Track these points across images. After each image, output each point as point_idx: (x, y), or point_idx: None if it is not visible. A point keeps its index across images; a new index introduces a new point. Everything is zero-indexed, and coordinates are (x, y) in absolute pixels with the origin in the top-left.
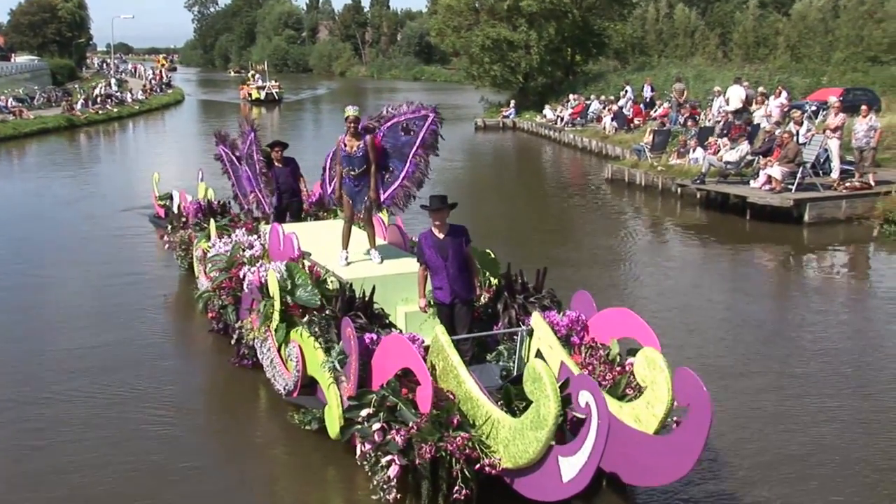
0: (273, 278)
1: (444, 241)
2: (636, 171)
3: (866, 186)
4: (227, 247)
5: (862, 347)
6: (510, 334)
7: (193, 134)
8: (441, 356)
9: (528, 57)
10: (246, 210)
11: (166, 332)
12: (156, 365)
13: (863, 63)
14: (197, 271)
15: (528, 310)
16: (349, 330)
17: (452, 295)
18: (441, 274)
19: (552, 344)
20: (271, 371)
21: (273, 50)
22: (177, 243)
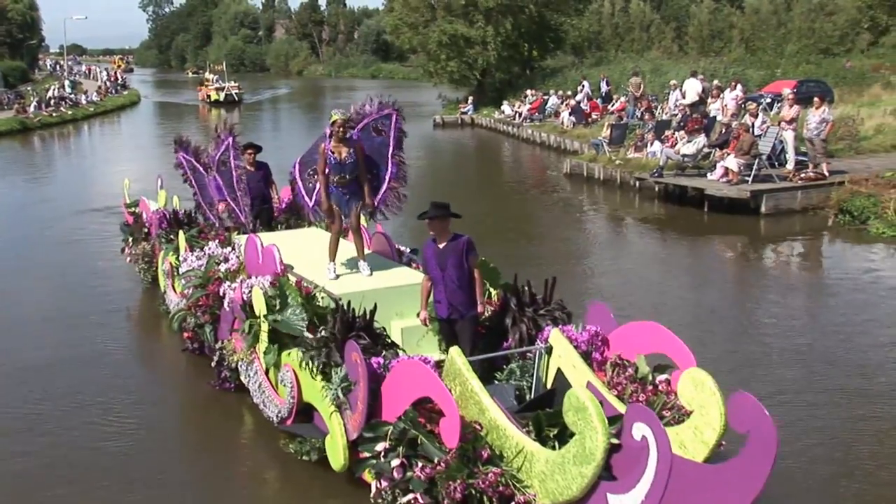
0: (259, 297)
1: (443, 251)
2: (595, 166)
3: (821, 177)
4: (200, 261)
5: (818, 332)
6: (523, 351)
7: (151, 137)
8: (458, 380)
9: (485, 53)
10: (214, 221)
11: (133, 351)
12: (124, 388)
13: (815, 55)
14: (163, 285)
15: (538, 324)
16: (356, 355)
17: (450, 309)
18: (440, 286)
19: (575, 363)
20: (260, 396)
21: (229, 49)
22: (139, 255)
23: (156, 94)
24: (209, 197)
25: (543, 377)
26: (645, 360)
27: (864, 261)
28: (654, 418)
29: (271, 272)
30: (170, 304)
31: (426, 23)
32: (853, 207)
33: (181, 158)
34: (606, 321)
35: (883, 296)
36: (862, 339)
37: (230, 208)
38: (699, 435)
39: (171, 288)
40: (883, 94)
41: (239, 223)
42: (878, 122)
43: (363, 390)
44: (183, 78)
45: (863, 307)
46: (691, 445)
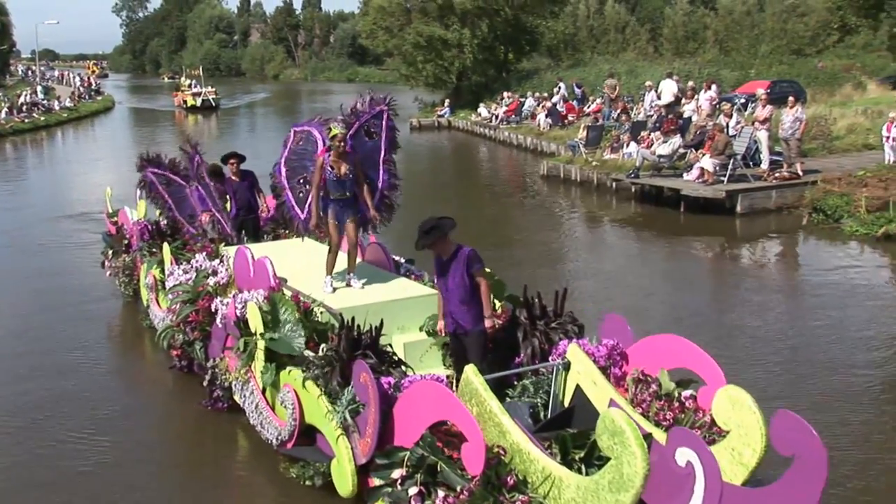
0: (255, 313)
1: (445, 265)
2: (571, 167)
3: (795, 176)
4: (188, 274)
5: (797, 333)
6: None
7: (126, 143)
8: (475, 400)
9: (461, 56)
10: (196, 233)
11: (116, 370)
12: (107, 409)
13: (788, 56)
14: (146, 300)
15: (550, 338)
16: (365, 376)
17: (454, 324)
18: (445, 300)
19: (596, 379)
20: (257, 418)
21: (204, 54)
22: (119, 269)
23: (130, 100)
24: (190, 208)
25: (560, 394)
26: (667, 374)
27: (838, 259)
28: (701, 444)
29: (264, 286)
30: (154, 319)
31: (401, 26)
32: (827, 206)
33: (149, 176)
34: (624, 334)
35: (859, 294)
36: (839, 338)
37: (215, 219)
38: (737, 457)
39: (156, 302)
40: (854, 94)
41: (224, 234)
42: (850, 121)
43: (374, 413)
44: (158, 83)
45: (839, 306)
46: (729, 468)
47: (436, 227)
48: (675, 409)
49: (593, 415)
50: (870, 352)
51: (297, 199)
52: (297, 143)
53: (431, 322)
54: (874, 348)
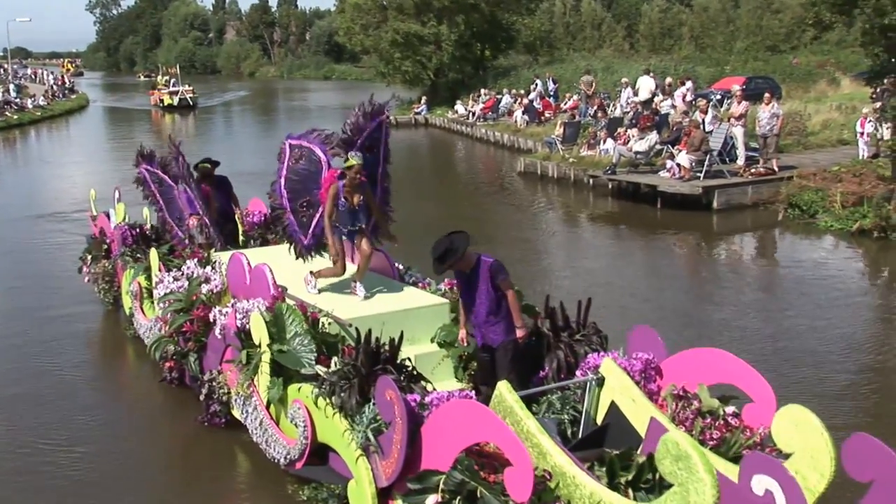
0: (260, 324)
1: (469, 279)
2: (548, 164)
3: (770, 172)
4: (179, 282)
5: (770, 324)
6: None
7: (101, 143)
8: (510, 419)
9: (438, 53)
10: (184, 237)
11: (100, 383)
12: (92, 426)
13: (763, 52)
14: (129, 308)
15: (574, 350)
16: (392, 393)
17: (482, 338)
18: (471, 314)
19: (635, 396)
20: (262, 435)
21: (180, 52)
22: (99, 275)
23: (105, 98)
24: (178, 211)
25: (593, 412)
26: (707, 390)
27: (814, 254)
28: (784, 471)
29: (264, 295)
30: (139, 328)
31: (378, 24)
32: (802, 202)
33: (143, 172)
34: (655, 347)
35: (835, 288)
36: (817, 334)
37: (202, 222)
38: (803, 481)
39: (140, 311)
40: (829, 90)
41: (211, 239)
42: (824, 117)
43: (401, 433)
44: (133, 81)
45: (816, 301)
46: None
47: (450, 251)
48: (720, 428)
49: (630, 433)
50: (847, 343)
51: (300, 223)
52: (295, 160)
53: (443, 333)
54: (851, 342)
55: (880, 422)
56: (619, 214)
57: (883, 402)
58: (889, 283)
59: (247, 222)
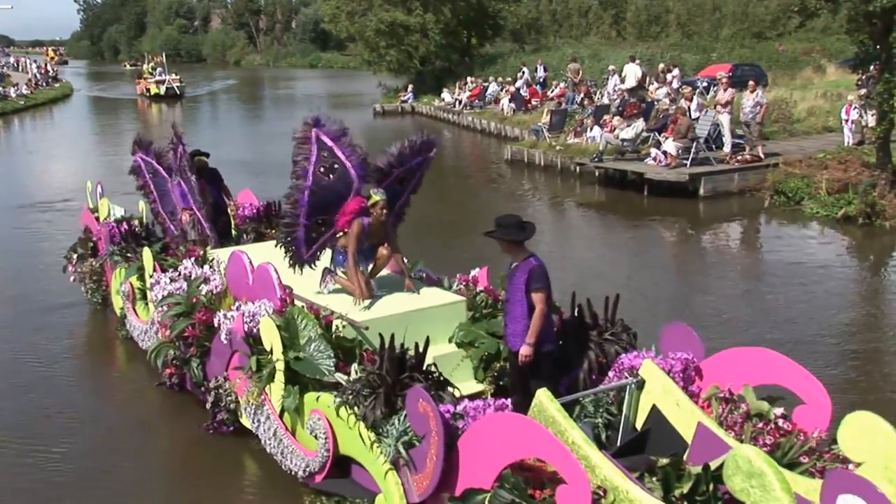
0: (272, 330)
1: (511, 273)
2: (535, 152)
3: (756, 159)
4: (177, 283)
5: (757, 310)
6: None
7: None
8: (553, 430)
9: (424, 41)
10: (178, 232)
11: (93, 387)
12: (88, 433)
13: (749, 39)
14: (120, 309)
15: (603, 349)
16: (426, 405)
17: (510, 340)
18: (506, 310)
19: (679, 400)
20: (277, 446)
21: (165, 40)
22: (86, 274)
23: (90, 87)
24: (171, 205)
25: (632, 417)
26: (752, 392)
27: (800, 241)
28: (873, 489)
29: (270, 296)
30: (133, 330)
31: (364, 11)
32: (788, 189)
33: (139, 161)
34: (692, 346)
35: (820, 274)
36: (803, 320)
37: (195, 218)
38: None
39: (133, 312)
40: (814, 78)
41: (204, 235)
42: (810, 104)
43: (437, 447)
44: (118, 70)
45: (803, 287)
46: None
47: (514, 226)
48: (773, 433)
49: (673, 439)
50: (835, 328)
51: (308, 237)
52: (324, 169)
53: (462, 333)
54: (840, 327)
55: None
56: (605, 202)
57: (873, 387)
58: (874, 269)
59: (238, 215)
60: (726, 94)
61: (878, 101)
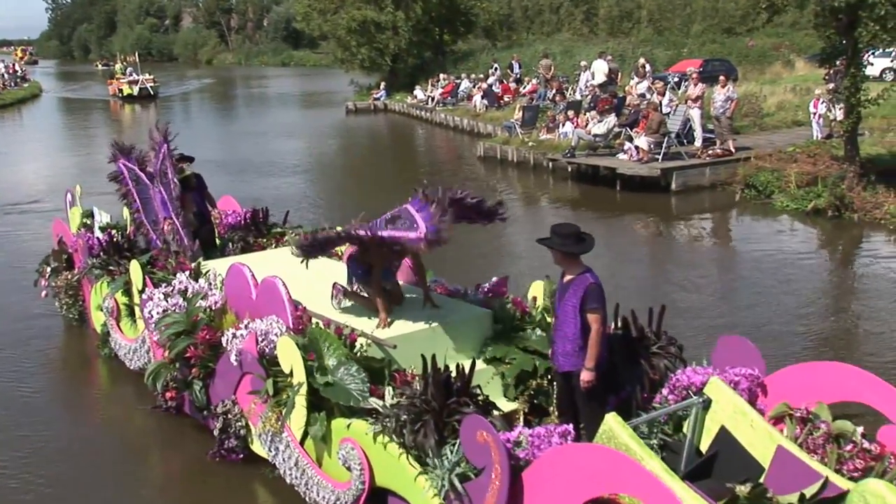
0: (294, 352)
1: (565, 286)
2: (508, 148)
3: (727, 153)
4: (174, 299)
5: (728, 302)
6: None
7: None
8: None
9: (395, 38)
10: (161, 244)
11: (79, 409)
12: (81, 460)
13: (719, 35)
14: (100, 325)
15: (652, 365)
16: (487, 435)
17: (553, 359)
18: (554, 328)
19: (754, 421)
20: (299, 477)
21: (135, 39)
22: (61, 288)
23: (60, 88)
24: (154, 213)
25: (696, 440)
26: (828, 410)
27: (771, 233)
28: None
29: (278, 312)
30: (118, 349)
31: (335, 9)
32: (758, 182)
33: (122, 167)
34: (751, 361)
35: (794, 266)
36: (775, 311)
37: (174, 228)
38: None
39: (119, 330)
40: (784, 72)
41: (183, 246)
42: (779, 98)
43: (502, 481)
44: (89, 70)
45: (774, 279)
46: None
47: (573, 237)
48: (863, 457)
49: (745, 464)
50: (805, 318)
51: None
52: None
53: (491, 348)
54: (809, 317)
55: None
56: (578, 197)
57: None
58: (843, 261)
59: (221, 223)
60: (697, 89)
61: (844, 96)
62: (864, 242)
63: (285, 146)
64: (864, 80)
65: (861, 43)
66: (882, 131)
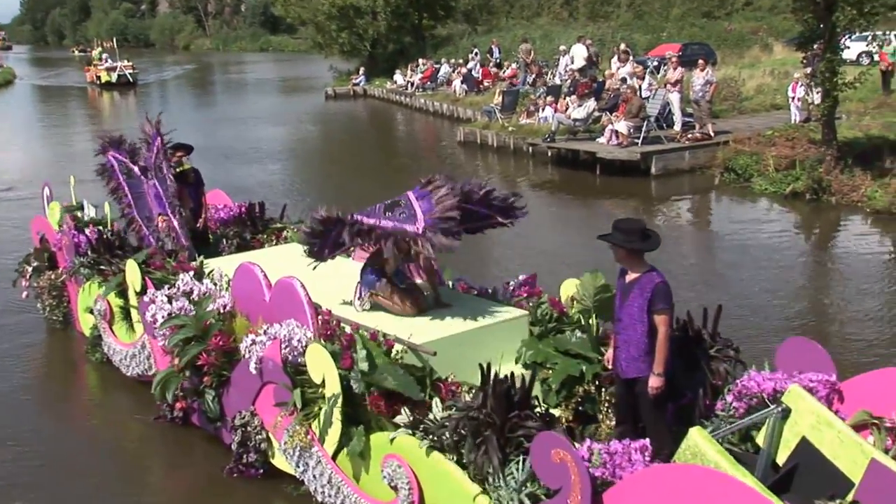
0: (325, 360)
1: (627, 287)
2: (488, 133)
3: (707, 137)
4: (180, 302)
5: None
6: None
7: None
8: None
9: (374, 23)
10: (153, 240)
11: (73, 419)
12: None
13: (698, 18)
14: (91, 329)
15: (713, 370)
16: (564, 454)
17: (616, 365)
18: (615, 332)
19: (841, 432)
20: (334, 495)
21: (111, 24)
22: (44, 289)
23: (35, 75)
24: (147, 209)
25: (773, 451)
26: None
27: (750, 217)
28: None
29: (298, 316)
30: (113, 355)
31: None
32: (737, 166)
33: (111, 160)
34: (820, 365)
35: (773, 249)
36: (756, 293)
37: (170, 225)
38: None
39: (112, 334)
40: (762, 56)
41: (179, 245)
42: (758, 82)
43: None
44: (65, 56)
45: (755, 262)
46: None
47: (636, 232)
48: None
49: (830, 477)
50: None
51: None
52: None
53: (530, 353)
54: (789, 297)
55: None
56: (558, 182)
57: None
58: (821, 243)
59: (211, 218)
60: (676, 73)
61: (821, 79)
62: (842, 225)
63: (266, 133)
64: (840, 64)
65: (838, 27)
66: (859, 115)
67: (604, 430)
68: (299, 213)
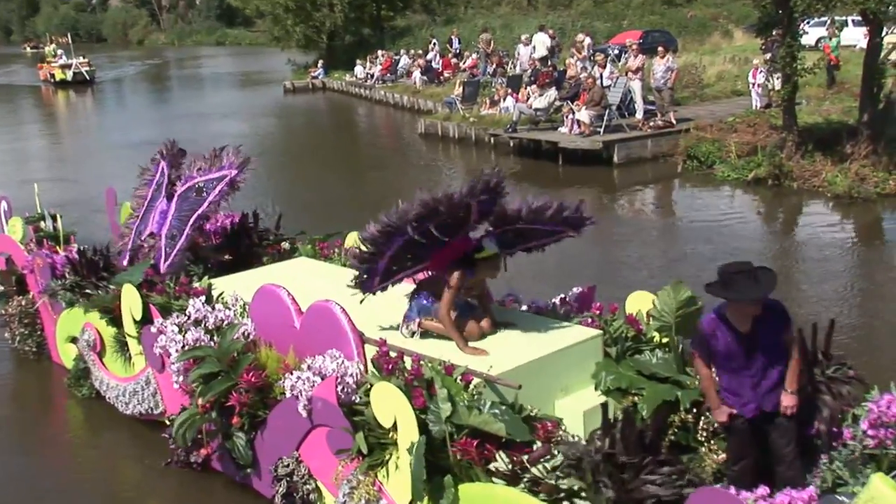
0: (397, 401)
1: (750, 339)
2: (449, 124)
3: (669, 125)
4: (196, 333)
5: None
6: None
7: None
8: None
9: (332, 15)
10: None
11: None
12: None
13: (659, 6)
14: (74, 361)
15: (834, 394)
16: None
17: (757, 406)
18: (742, 376)
19: None
20: None
21: (61, 19)
22: (13, 316)
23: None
24: (144, 224)
25: None
26: None
27: (713, 203)
28: None
29: (342, 347)
30: (106, 390)
31: None
32: (700, 153)
33: (159, 168)
34: None
35: (736, 235)
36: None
37: (158, 246)
38: None
39: (102, 366)
40: (723, 43)
41: (174, 267)
42: (719, 69)
43: None
44: (15, 52)
45: (717, 248)
46: None
47: (763, 282)
48: None
49: None
50: None
51: (387, 269)
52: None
53: (611, 377)
54: None
55: None
56: (521, 172)
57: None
58: (783, 228)
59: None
60: (637, 60)
61: (781, 65)
62: (804, 210)
63: (226, 128)
64: (799, 50)
65: (796, 12)
66: (819, 100)
67: (709, 464)
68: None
